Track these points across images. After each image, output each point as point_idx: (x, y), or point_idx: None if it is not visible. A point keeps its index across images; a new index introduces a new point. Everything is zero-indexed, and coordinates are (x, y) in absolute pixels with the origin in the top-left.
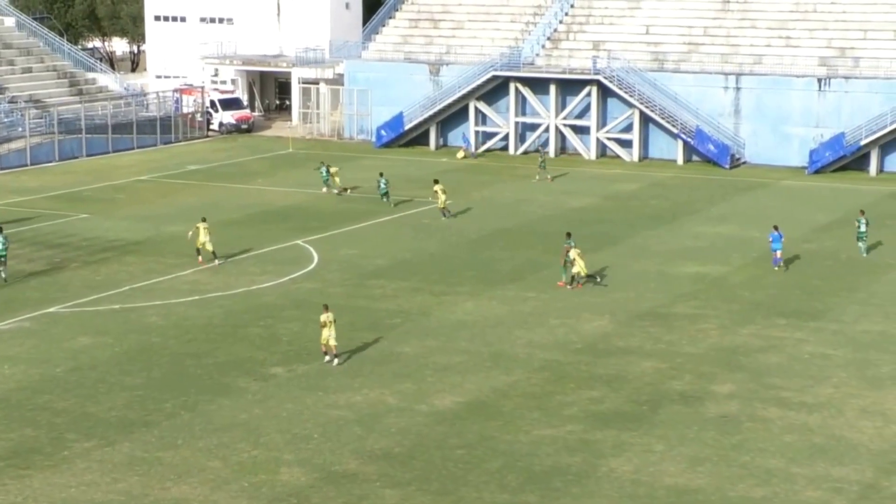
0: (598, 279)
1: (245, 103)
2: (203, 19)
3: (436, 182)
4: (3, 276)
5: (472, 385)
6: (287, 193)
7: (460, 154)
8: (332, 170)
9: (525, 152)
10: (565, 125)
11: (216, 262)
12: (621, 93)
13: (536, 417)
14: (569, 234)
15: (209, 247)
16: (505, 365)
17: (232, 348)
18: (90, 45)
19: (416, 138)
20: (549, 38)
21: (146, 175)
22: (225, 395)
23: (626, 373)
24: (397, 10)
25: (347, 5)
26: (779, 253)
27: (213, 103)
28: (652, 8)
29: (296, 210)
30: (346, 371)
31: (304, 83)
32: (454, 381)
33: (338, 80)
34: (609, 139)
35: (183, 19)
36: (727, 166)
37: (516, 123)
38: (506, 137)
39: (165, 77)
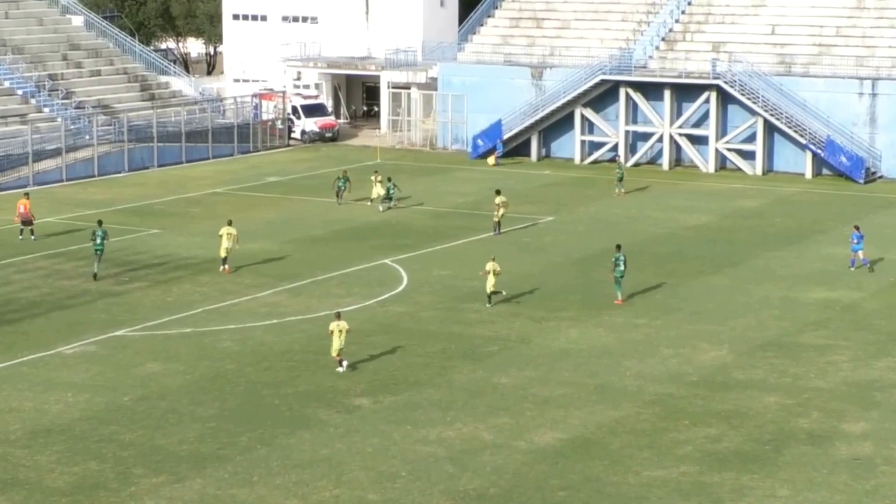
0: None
1: (330, 109)
2: (285, 18)
3: (497, 193)
4: (96, 269)
5: (576, 420)
6: (374, 208)
7: (491, 160)
8: (373, 177)
9: (595, 161)
10: (681, 134)
11: (222, 267)
12: (743, 99)
13: (646, 457)
14: (618, 247)
15: (223, 253)
16: (612, 399)
17: (313, 377)
18: (163, 46)
19: (517, 148)
20: (663, 39)
21: (222, 187)
22: (305, 427)
23: (747, 409)
24: (496, 9)
25: (442, 3)
26: (861, 254)
27: (294, 109)
28: (778, 6)
29: (384, 226)
30: (438, 404)
31: (393, 88)
32: (556, 416)
33: (431, 85)
34: (729, 150)
35: (264, 18)
36: (861, 181)
37: (627, 132)
38: (615, 147)
39: (244, 81)
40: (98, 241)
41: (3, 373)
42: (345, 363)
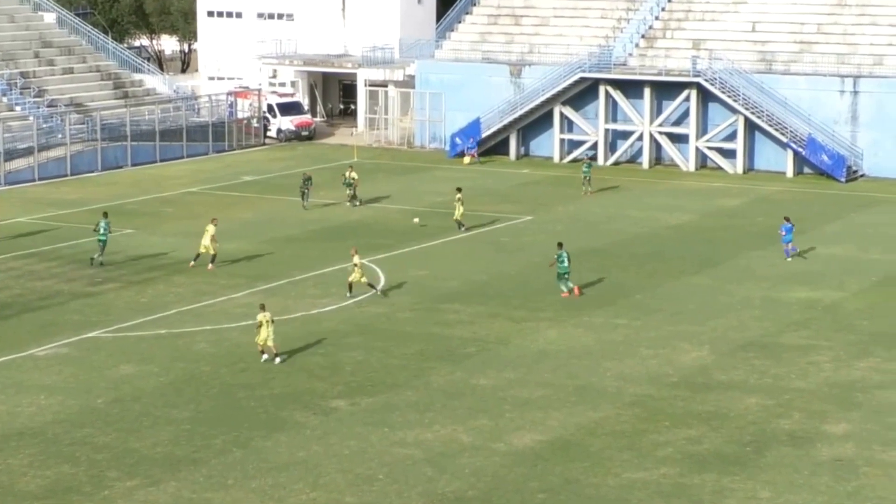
0: (378, 291)
1: (306, 108)
2: (261, 15)
3: (458, 190)
4: (101, 259)
5: (555, 422)
6: (351, 208)
7: (467, 160)
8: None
9: (575, 160)
10: (661, 133)
11: (191, 263)
12: (724, 97)
13: (627, 459)
14: (560, 245)
15: (202, 249)
16: (592, 400)
17: (289, 379)
18: (137, 43)
19: (495, 147)
20: (643, 36)
21: (197, 187)
22: (281, 430)
23: (728, 410)
24: (474, 5)
25: (419, 0)
26: (790, 245)
27: (270, 108)
28: (759, 3)
29: (361, 226)
30: (416, 406)
31: (370, 86)
32: (535, 418)
33: (408, 83)
34: (710, 149)
35: (239, 15)
36: (843, 180)
37: (606, 131)
38: (595, 146)
39: (219, 79)
40: (102, 231)
41: None
42: (278, 359)
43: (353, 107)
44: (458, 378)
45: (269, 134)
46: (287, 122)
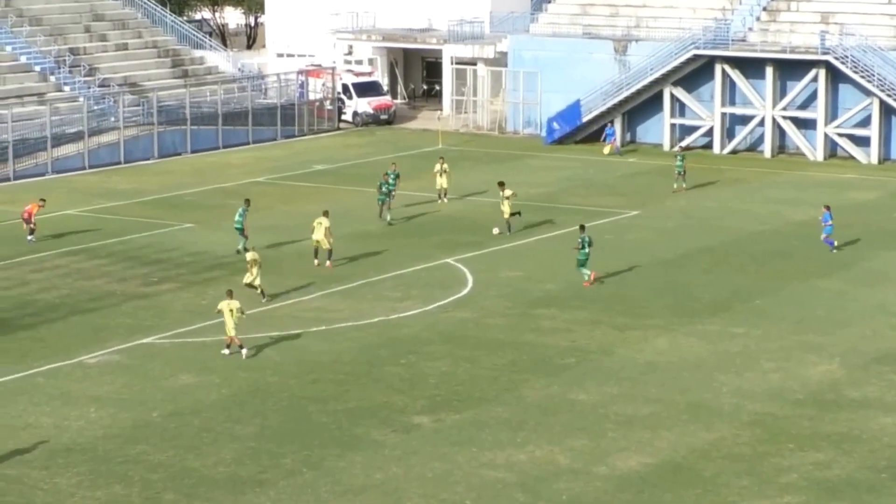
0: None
1: (385, 88)
2: None
3: (502, 185)
4: (239, 247)
5: (664, 443)
6: (436, 201)
7: (606, 150)
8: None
9: (688, 147)
10: (785, 117)
11: (315, 262)
12: (857, 77)
13: (745, 485)
14: (582, 227)
15: (326, 245)
16: (705, 418)
17: (365, 391)
18: (198, 16)
19: (597, 133)
20: (765, 9)
21: (263, 176)
22: (356, 449)
23: (861, 431)
24: None
25: None
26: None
27: (345, 88)
28: None
29: (447, 221)
30: (507, 423)
31: (457, 64)
32: (641, 438)
33: (500, 61)
34: (840, 135)
35: None
36: None
37: (723, 115)
38: (710, 132)
39: (288, 56)
40: (238, 218)
41: (17, 384)
42: (244, 352)
43: (437, 87)
44: (554, 392)
45: (343, 117)
46: (364, 105)
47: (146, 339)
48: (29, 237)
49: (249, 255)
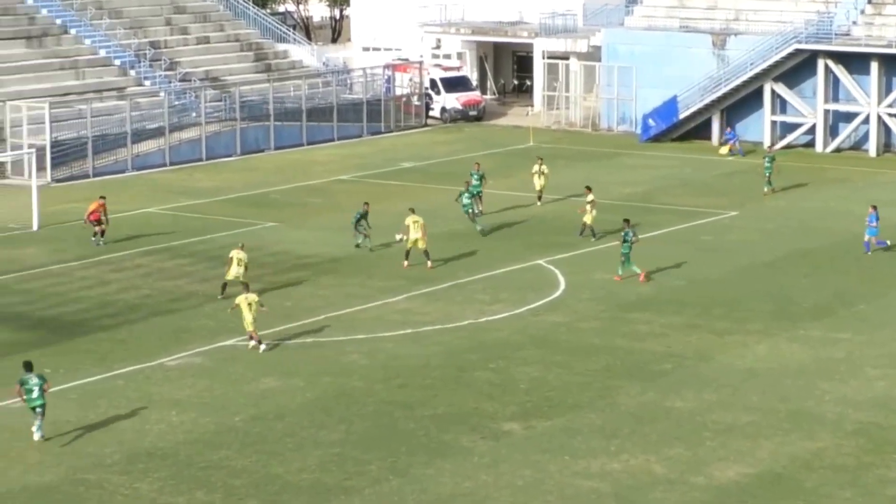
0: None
1: (474, 83)
2: None
3: (589, 190)
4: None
5: (765, 452)
6: (526, 200)
7: (724, 149)
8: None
9: (788, 146)
10: (891, 115)
11: (429, 264)
12: None
13: (849, 497)
14: (626, 221)
15: (423, 244)
16: (807, 427)
17: (454, 397)
18: (281, 9)
19: (694, 130)
20: (869, 2)
21: (348, 174)
22: (444, 456)
23: None
24: None
25: None
26: (871, 238)
27: (433, 83)
28: None
29: (538, 221)
30: (601, 431)
31: (549, 58)
32: (740, 447)
33: (593, 55)
34: None
35: None
36: None
37: (826, 112)
38: (812, 130)
39: (374, 50)
40: (354, 220)
41: (97, 387)
42: (262, 345)
43: (528, 83)
44: (649, 399)
45: (431, 113)
46: (452, 100)
47: (228, 341)
48: (93, 238)
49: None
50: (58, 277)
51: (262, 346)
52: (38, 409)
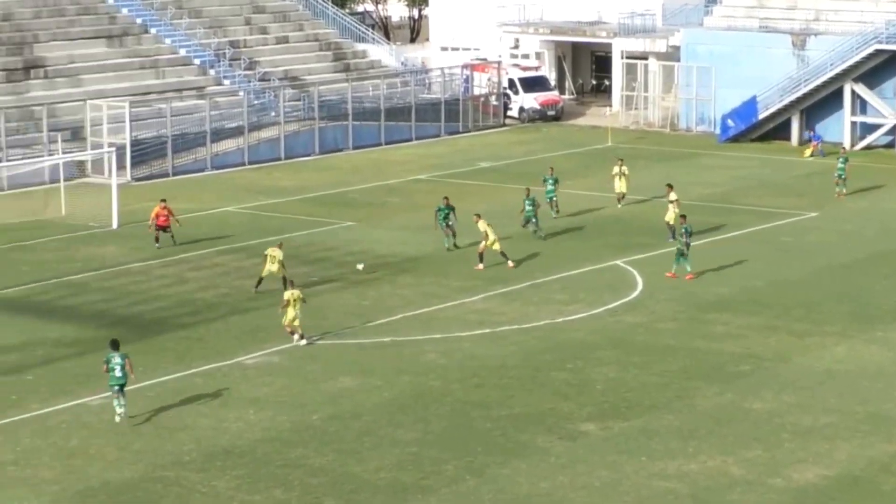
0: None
1: (553, 83)
2: None
3: (670, 188)
4: (449, 244)
5: (843, 454)
6: (604, 200)
7: (807, 152)
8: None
9: (868, 147)
10: None
11: (510, 264)
12: None
13: None
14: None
15: (497, 246)
16: (886, 430)
17: (531, 397)
18: (360, 8)
19: (773, 130)
20: None
21: (425, 174)
22: (521, 456)
23: None
24: None
25: None
26: None
27: (511, 83)
28: None
29: (616, 222)
30: (678, 432)
31: (628, 58)
32: (819, 449)
33: (672, 55)
34: None
35: None
36: None
37: None
38: (892, 131)
39: (452, 49)
40: (442, 217)
41: (176, 385)
42: (303, 339)
43: (606, 82)
44: (727, 400)
45: (509, 113)
46: (531, 100)
47: (305, 340)
48: (157, 244)
49: (287, 295)
50: (137, 276)
51: (303, 341)
52: (118, 388)
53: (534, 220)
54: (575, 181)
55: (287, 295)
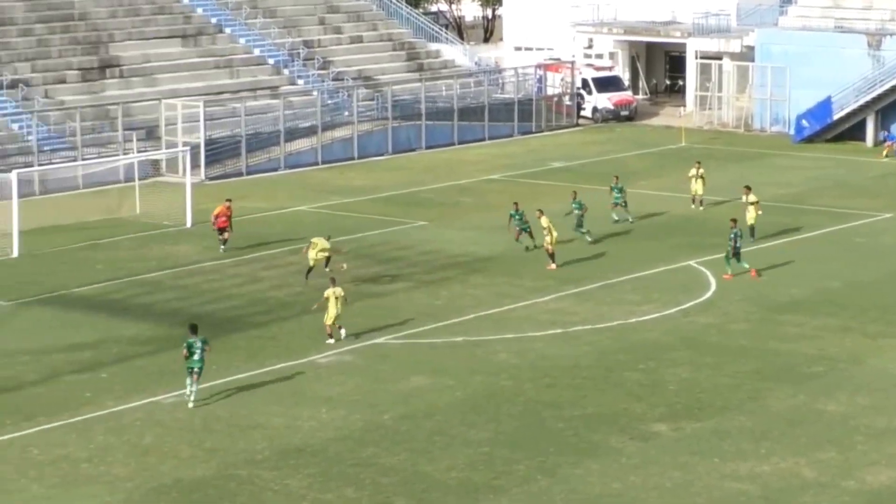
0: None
1: (626, 83)
2: None
3: (748, 190)
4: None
5: None
6: (678, 201)
7: (883, 153)
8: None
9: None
10: None
11: (552, 265)
12: None
13: None
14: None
15: (551, 248)
16: None
17: (603, 397)
18: (434, 8)
19: (848, 131)
20: None
21: (498, 173)
22: (593, 456)
23: None
24: None
25: None
26: None
27: (585, 83)
28: None
29: (689, 222)
30: (751, 433)
31: (702, 58)
32: (893, 451)
33: (746, 55)
34: None
35: None
36: None
37: None
38: None
39: (526, 49)
40: (518, 219)
41: (248, 383)
42: (343, 333)
43: (680, 83)
44: (800, 402)
45: (582, 113)
46: (604, 100)
47: (378, 339)
48: (222, 247)
49: (328, 292)
50: (210, 274)
51: (343, 332)
52: (196, 370)
53: (580, 223)
54: (648, 181)
55: (328, 293)
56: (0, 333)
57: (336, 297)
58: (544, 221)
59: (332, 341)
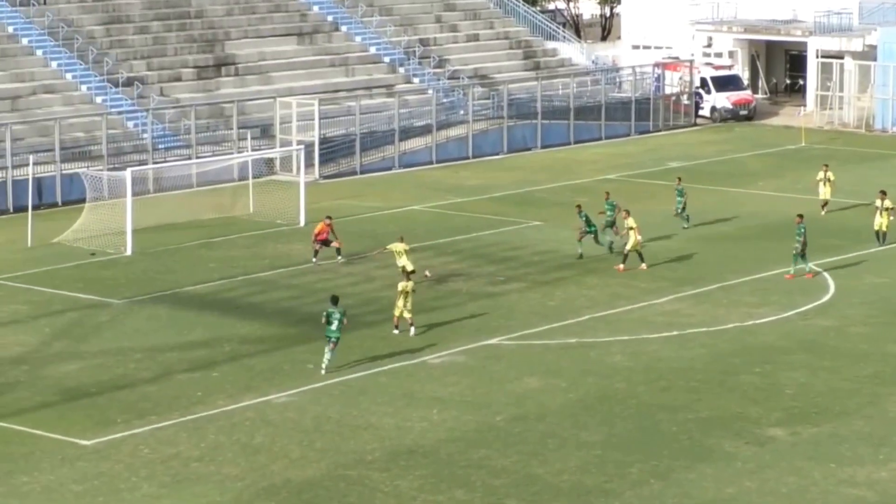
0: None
1: (745, 82)
2: None
3: (883, 194)
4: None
5: None
6: (797, 202)
7: None
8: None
9: None
10: None
11: (620, 266)
12: None
13: None
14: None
15: (630, 245)
16: None
17: (718, 401)
18: (552, 6)
19: None
20: None
21: (614, 173)
22: (707, 460)
23: None
24: None
25: None
26: None
27: (703, 82)
28: None
29: (808, 223)
30: (868, 438)
31: (823, 57)
32: None
33: (869, 54)
34: None
35: None
36: None
37: None
38: None
39: (644, 48)
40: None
41: (360, 383)
42: (412, 331)
43: (801, 82)
44: None
45: (701, 112)
46: (723, 100)
47: (491, 339)
48: (313, 260)
49: (401, 286)
50: (324, 273)
51: (413, 330)
52: (333, 339)
53: (610, 227)
54: (767, 182)
55: (400, 287)
56: (113, 331)
57: (405, 292)
58: (630, 222)
59: (396, 332)
